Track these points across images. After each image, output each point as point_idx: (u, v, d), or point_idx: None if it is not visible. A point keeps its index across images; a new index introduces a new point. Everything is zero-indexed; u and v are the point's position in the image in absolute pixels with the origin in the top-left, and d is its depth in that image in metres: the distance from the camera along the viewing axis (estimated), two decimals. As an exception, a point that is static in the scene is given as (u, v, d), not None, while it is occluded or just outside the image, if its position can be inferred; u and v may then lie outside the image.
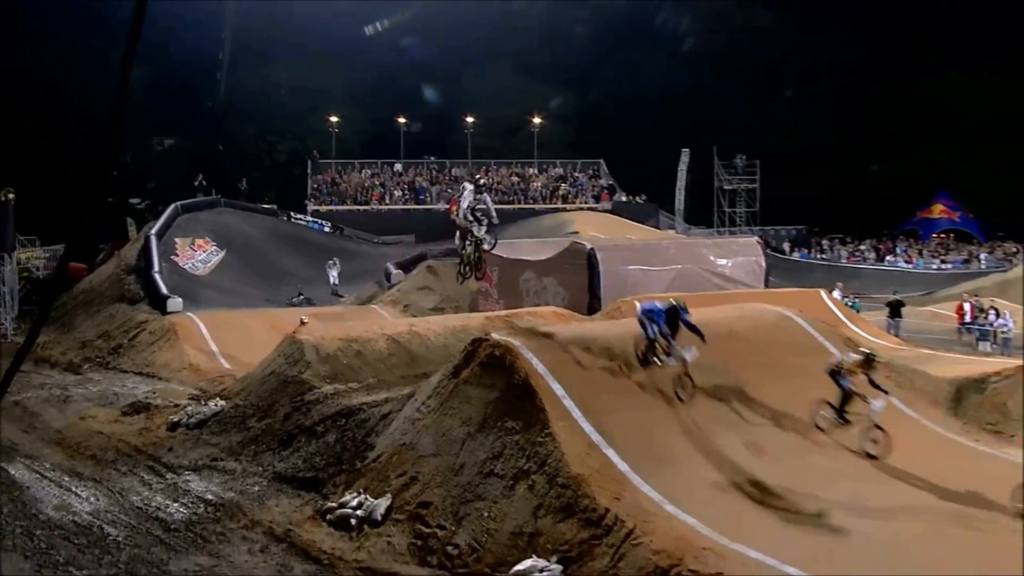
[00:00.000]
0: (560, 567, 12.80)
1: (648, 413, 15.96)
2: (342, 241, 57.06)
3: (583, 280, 30.41)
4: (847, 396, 16.94)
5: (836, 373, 17.15)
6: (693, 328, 16.98)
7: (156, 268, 39.53)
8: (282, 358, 22.53)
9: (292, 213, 59.62)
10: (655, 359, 17.07)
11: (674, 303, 17.32)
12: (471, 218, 18.75)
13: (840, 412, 16.98)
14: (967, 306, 35.34)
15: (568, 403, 15.14)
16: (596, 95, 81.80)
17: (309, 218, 60.04)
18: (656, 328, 16.99)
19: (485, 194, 18.99)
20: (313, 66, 75.15)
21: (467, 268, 19.44)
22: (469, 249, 19.23)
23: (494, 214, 19.12)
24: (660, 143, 71.16)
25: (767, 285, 33.46)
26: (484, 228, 18.84)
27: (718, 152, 71.30)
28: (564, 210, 58.63)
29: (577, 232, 45.68)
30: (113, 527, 15.66)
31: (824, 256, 66.52)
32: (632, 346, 17.26)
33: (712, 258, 32.80)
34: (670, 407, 16.40)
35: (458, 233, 19.25)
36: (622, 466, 14.19)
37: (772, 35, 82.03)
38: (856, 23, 79.53)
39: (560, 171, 69.76)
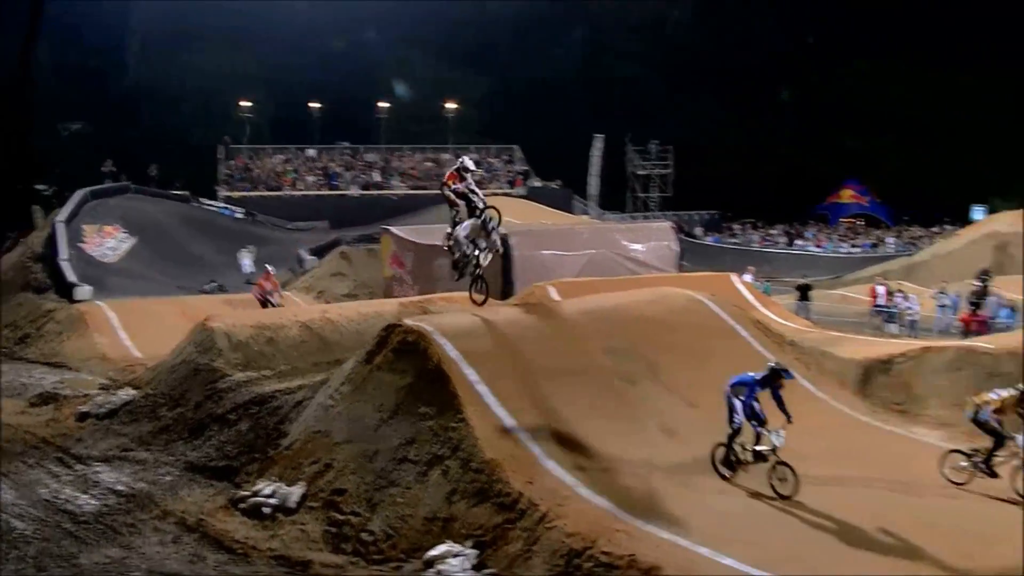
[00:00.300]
0: (475, 551, 12.84)
1: (565, 396, 15.97)
2: (255, 227, 56.52)
3: (497, 265, 30.43)
4: (1000, 441, 14.87)
5: (980, 415, 15.08)
6: (783, 404, 14.76)
7: (63, 256, 38.78)
8: (193, 346, 22.29)
9: (203, 199, 58.94)
10: (741, 459, 14.71)
11: (774, 366, 15.03)
12: (472, 249, 18.00)
13: (989, 461, 14.88)
14: (880, 289, 35.89)
15: (481, 388, 15.18)
16: (511, 80, 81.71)
17: (220, 204, 59.39)
18: (746, 407, 14.62)
19: (495, 235, 18.14)
20: (224, 51, 74.07)
21: (477, 284, 18.62)
22: (464, 268, 18.44)
23: (500, 246, 18.54)
24: (574, 129, 71.42)
25: (680, 269, 33.79)
26: (489, 256, 18.23)
27: (632, 138, 71.84)
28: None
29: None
30: (21, 521, 15.35)
31: (736, 240, 67.35)
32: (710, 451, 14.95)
33: (625, 243, 33.06)
34: (590, 389, 16.47)
35: (454, 214, 18.79)
36: (535, 450, 14.27)
37: (687, 21, 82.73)
38: (770, 11, 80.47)
39: (475, 156, 69.71)
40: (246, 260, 46.84)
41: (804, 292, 34.88)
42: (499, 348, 16.62)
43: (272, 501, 15.20)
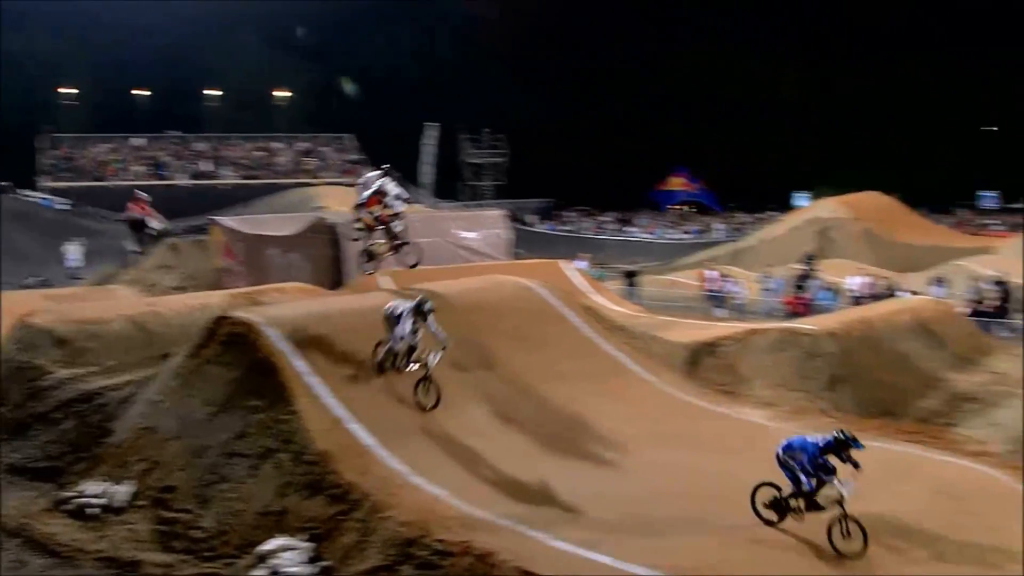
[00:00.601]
0: (310, 544, 12.76)
1: (399, 384, 15.98)
2: (80, 219, 54.81)
3: (328, 255, 30.22)
4: None
5: None
6: (851, 459, 12.56)
7: None
8: (12, 343, 21.43)
9: (23, 190, 57.02)
10: (794, 508, 12.62)
11: (840, 435, 12.51)
12: (413, 342, 15.73)
13: None
14: (710, 274, 36.89)
15: (312, 379, 15.08)
16: (345, 68, 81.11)
17: (42, 195, 57.52)
18: (809, 470, 12.46)
19: (431, 319, 15.90)
20: (44, 34, 71.64)
21: (424, 387, 15.86)
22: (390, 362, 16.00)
23: (444, 335, 15.95)
24: (410, 117, 71.35)
25: (514, 257, 34.05)
26: (438, 356, 15.80)
27: (466, 127, 72.15)
28: (310, 185, 58.00)
29: (324, 207, 45.37)
30: None
31: (569, 228, 68.25)
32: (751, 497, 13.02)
33: (457, 231, 33.12)
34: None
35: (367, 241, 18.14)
36: (368, 440, 14.29)
37: (514, 9, 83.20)
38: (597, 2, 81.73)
39: (308, 145, 69.06)
40: (72, 254, 45.30)
41: (630, 278, 35.78)
42: (331, 338, 16.46)
43: (99, 501, 14.79)
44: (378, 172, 19.79)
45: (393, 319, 15.75)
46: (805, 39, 79.72)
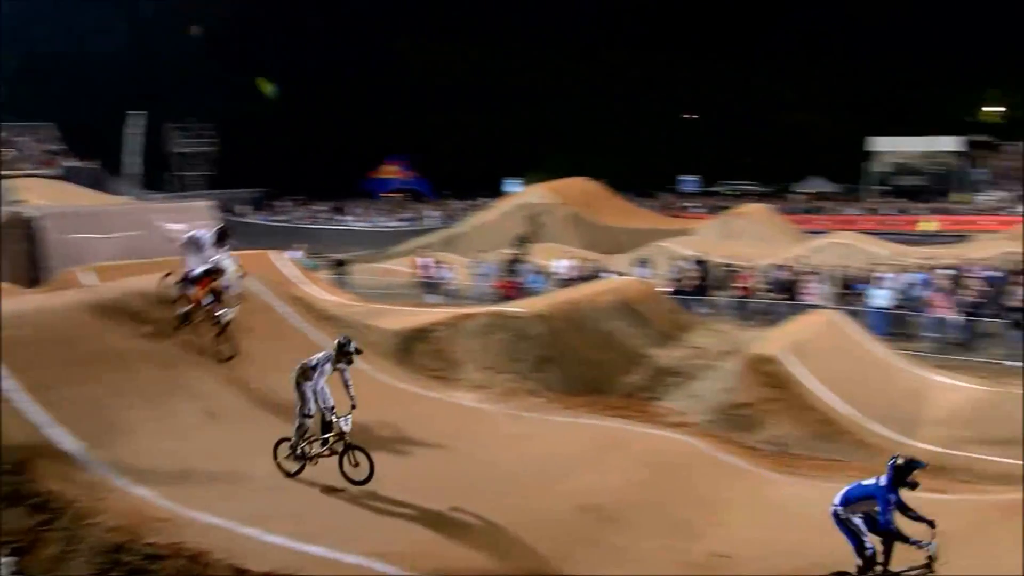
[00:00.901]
0: (12, 559, 12.16)
1: (103, 384, 15.45)
2: None
3: (25, 251, 28.88)
4: None
5: None
6: (911, 510, 10.32)
7: None
8: None
9: None
10: None
11: (901, 461, 10.19)
12: (326, 409, 13.71)
13: None
14: (422, 260, 37.36)
15: (7, 383, 14.35)
16: (42, 54, 77.43)
17: None
18: (885, 525, 10.10)
19: (347, 369, 13.99)
20: None
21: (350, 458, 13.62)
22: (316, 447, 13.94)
23: (354, 392, 13.98)
24: (116, 107, 69.09)
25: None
26: (350, 421, 13.66)
27: (172, 116, 70.52)
28: (6, 177, 55.06)
29: (22, 201, 43.25)
30: None
31: (283, 218, 67.75)
32: None
33: (162, 223, 32.21)
34: (129, 376, 15.93)
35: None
36: (71, 445, 13.77)
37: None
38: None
39: (2, 135, 65.64)
40: None
41: (339, 266, 36.04)
42: (29, 339, 15.71)
43: None
44: (211, 235, 17.58)
45: (309, 371, 13.85)
46: (516, 28, 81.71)
